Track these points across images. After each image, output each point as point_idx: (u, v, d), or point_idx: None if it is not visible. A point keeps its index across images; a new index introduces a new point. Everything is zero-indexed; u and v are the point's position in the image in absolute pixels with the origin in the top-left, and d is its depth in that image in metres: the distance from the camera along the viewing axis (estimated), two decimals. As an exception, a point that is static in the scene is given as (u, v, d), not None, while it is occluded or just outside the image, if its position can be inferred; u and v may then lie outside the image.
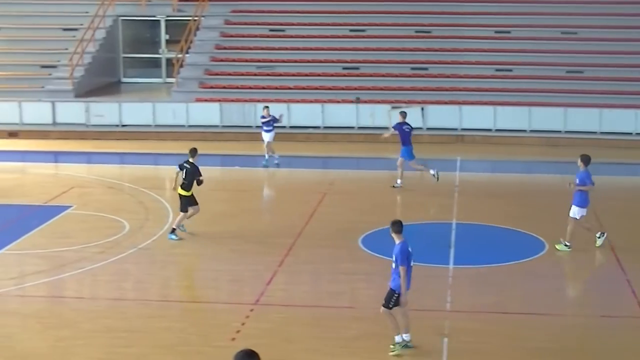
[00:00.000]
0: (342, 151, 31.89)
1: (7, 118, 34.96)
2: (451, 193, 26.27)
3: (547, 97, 34.80)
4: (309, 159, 30.05)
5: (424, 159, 27.09)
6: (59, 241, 21.93)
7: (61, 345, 16.02)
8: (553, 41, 37.26)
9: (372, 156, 31.10)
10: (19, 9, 40.36)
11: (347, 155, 31.32)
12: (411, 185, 26.93)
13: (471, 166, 30.08)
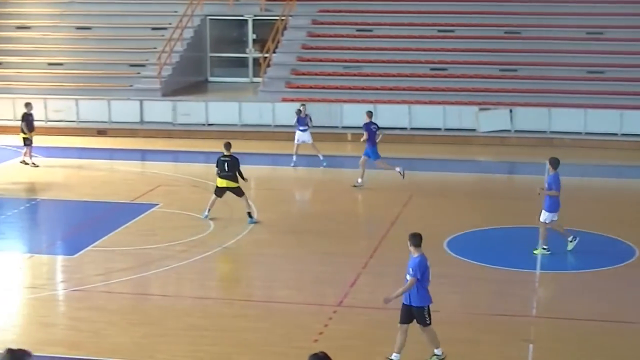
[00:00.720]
0: (429, 153, 31.60)
1: (96, 116, 35.38)
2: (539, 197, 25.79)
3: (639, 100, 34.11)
4: (395, 160, 29.74)
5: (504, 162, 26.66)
6: (145, 239, 22.07)
7: (146, 342, 16.09)
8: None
9: (459, 158, 30.76)
10: (109, 9, 40.82)
11: (433, 157, 31.01)
12: (494, 188, 26.57)
13: (560, 170, 29.47)
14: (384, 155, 26.88)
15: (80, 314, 17.53)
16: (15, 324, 17.22)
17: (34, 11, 41.31)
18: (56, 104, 35.48)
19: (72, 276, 19.79)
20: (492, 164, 30.37)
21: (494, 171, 26.20)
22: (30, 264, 20.55)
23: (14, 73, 37.86)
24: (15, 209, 24.80)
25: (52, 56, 38.73)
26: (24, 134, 29.28)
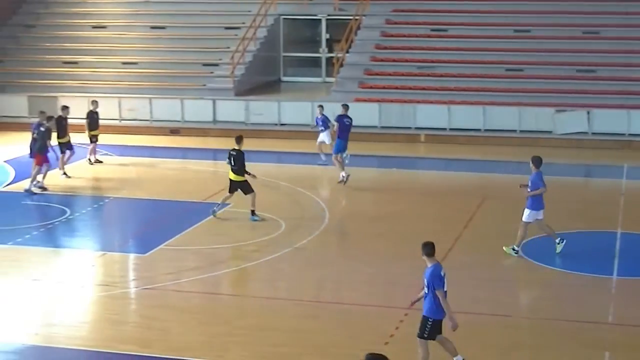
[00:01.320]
0: (503, 155, 31.15)
1: (169, 115, 35.54)
2: (616, 201, 25.33)
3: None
4: (469, 162, 29.46)
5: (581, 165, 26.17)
6: (216, 238, 22.07)
7: (215, 341, 16.07)
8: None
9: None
10: (183, 8, 41.02)
11: (508, 159, 30.57)
12: (570, 192, 26.12)
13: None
14: (452, 157, 26.52)
15: (151, 312, 17.60)
16: (87, 321, 17.33)
17: (109, 11, 41.68)
18: (130, 103, 35.72)
19: (143, 274, 19.87)
20: (569, 166, 29.85)
21: (571, 174, 25.71)
22: (103, 262, 20.66)
23: (89, 72, 38.21)
24: (89, 207, 24.99)
25: (126, 55, 39.03)
26: (90, 131, 29.54)
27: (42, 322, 17.16)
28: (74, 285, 18.95)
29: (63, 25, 41.06)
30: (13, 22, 42.23)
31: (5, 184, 26.42)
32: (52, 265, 20.62)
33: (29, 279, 19.40)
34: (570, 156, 31.26)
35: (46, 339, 16.33)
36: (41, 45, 40.19)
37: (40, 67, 38.60)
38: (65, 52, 39.35)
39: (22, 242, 21.61)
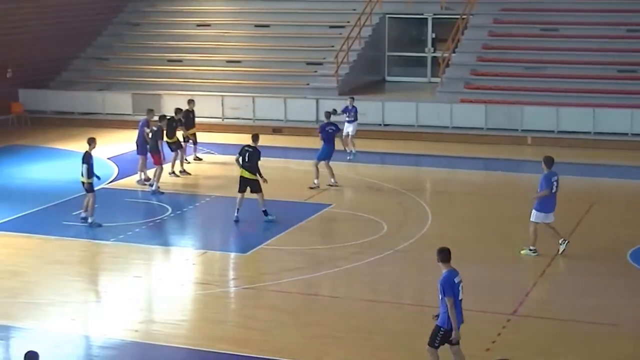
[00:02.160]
0: (614, 159, 30.28)
1: (272, 114, 35.48)
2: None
3: None
4: (577, 165, 28.72)
5: None
6: (317, 239, 21.92)
7: (314, 343, 15.94)
8: None
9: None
10: (287, 7, 40.99)
11: (619, 163, 29.73)
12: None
13: None
14: (560, 160, 25.84)
15: (251, 312, 17.55)
16: (186, 319, 17.32)
17: (214, 9, 41.88)
18: (233, 102, 35.76)
19: (243, 274, 19.84)
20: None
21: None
22: (203, 260, 20.63)
23: (193, 70, 38.41)
24: (190, 205, 25.03)
25: (230, 54, 39.15)
26: (185, 130, 29.51)
27: (142, 319, 17.18)
28: (173, 283, 18.95)
29: (168, 24, 41.41)
30: (119, 20, 42.75)
31: (108, 181, 26.60)
32: (152, 262, 20.69)
33: (130, 275, 19.50)
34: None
35: (145, 336, 16.35)
36: (146, 43, 40.60)
37: (145, 65, 38.95)
38: (170, 50, 39.66)
39: (123, 239, 21.72)
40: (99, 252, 21.10)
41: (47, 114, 37.35)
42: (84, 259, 20.83)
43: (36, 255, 20.65)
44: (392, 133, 33.70)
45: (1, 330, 16.52)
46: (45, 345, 15.53)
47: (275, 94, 36.05)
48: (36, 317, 17.15)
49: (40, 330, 16.51)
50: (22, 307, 17.67)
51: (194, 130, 29.58)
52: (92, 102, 37.32)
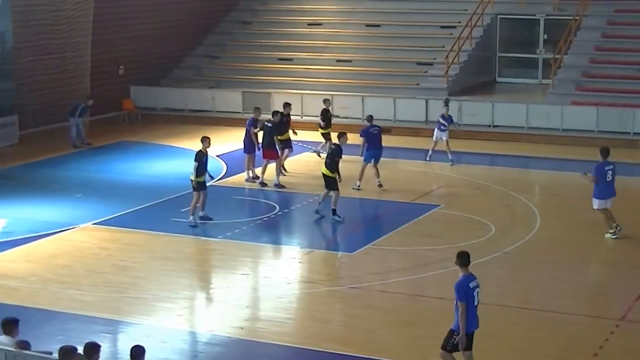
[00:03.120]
0: None
1: (381, 114, 35.25)
2: None
3: None
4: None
5: None
6: (424, 240, 21.78)
7: (418, 344, 15.89)
8: None
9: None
10: (398, 6, 40.83)
11: None
12: None
13: None
14: None
15: (356, 312, 17.54)
16: (292, 318, 17.39)
17: (325, 8, 41.94)
18: (342, 101, 35.75)
19: (350, 273, 19.82)
20: None
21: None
22: (309, 259, 20.68)
23: (303, 69, 38.53)
24: (298, 204, 25.10)
25: (340, 53, 39.16)
26: (322, 129, 29.60)
27: (248, 316, 17.28)
28: (280, 281, 19.03)
29: (279, 22, 41.62)
30: (230, 18, 43.13)
31: (217, 179, 26.85)
32: (259, 260, 20.80)
33: (237, 273, 19.63)
34: None
35: (251, 333, 16.46)
36: (256, 41, 40.88)
37: (255, 64, 39.22)
38: (280, 49, 39.87)
39: (231, 236, 21.89)
40: (206, 249, 21.32)
41: (157, 111, 37.92)
42: (192, 256, 21.07)
43: (144, 251, 20.96)
44: (502, 134, 33.29)
45: (109, 324, 16.79)
46: (152, 340, 15.76)
47: (384, 94, 35.94)
48: (143, 312, 17.40)
49: (147, 325, 16.75)
50: (130, 302, 17.95)
51: (330, 129, 29.52)
52: (202, 100, 37.74)
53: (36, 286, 18.58)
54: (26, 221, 23.07)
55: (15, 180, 27.76)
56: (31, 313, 16.81)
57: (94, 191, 26.30)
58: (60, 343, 12.57)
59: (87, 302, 17.72)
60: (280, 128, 27.51)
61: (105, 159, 30.49)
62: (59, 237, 21.89)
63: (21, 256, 20.51)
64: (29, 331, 13.63)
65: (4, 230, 22.33)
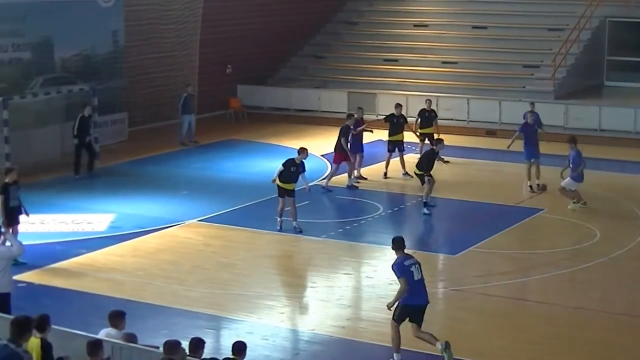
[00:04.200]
0: None
1: (486, 116, 35.15)
2: None
3: None
4: None
5: None
6: (526, 244, 21.64)
7: (519, 348, 15.81)
8: None
9: None
10: (506, 8, 40.47)
11: None
12: None
13: None
14: None
15: (457, 314, 17.56)
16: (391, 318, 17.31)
17: (431, 9, 41.82)
18: (447, 103, 35.60)
19: (452, 275, 19.80)
20: None
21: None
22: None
23: (408, 70, 38.48)
24: (401, 205, 25.10)
25: (446, 55, 39.02)
26: (420, 129, 29.50)
27: (349, 315, 17.36)
28: (382, 281, 19.05)
29: (385, 23, 41.61)
30: (337, 19, 43.28)
31: (320, 178, 26.98)
32: (361, 260, 20.88)
33: (340, 272, 19.73)
34: None
35: (352, 333, 16.53)
36: (362, 42, 40.96)
37: (361, 64, 39.30)
38: (386, 50, 39.87)
39: (334, 236, 22.00)
40: (309, 248, 21.45)
41: (263, 110, 38.27)
42: (294, 254, 21.24)
43: (248, 249, 21.19)
44: (608, 139, 32.77)
45: (212, 320, 17.03)
46: (254, 337, 15.92)
47: (490, 96, 35.70)
48: (246, 309, 17.58)
49: (250, 322, 16.92)
50: (233, 299, 18.17)
51: (429, 130, 29.44)
52: (308, 99, 37.96)
53: (142, 280, 18.95)
54: (133, 217, 23.53)
55: (123, 176, 28.31)
56: (136, 307, 17.15)
57: (200, 188, 26.68)
58: (165, 337, 12.81)
59: (191, 298, 18.01)
60: (393, 129, 27.70)
61: (212, 157, 30.90)
62: (165, 233, 22.28)
63: (128, 251, 20.94)
64: (134, 324, 13.90)
65: (112, 225, 22.81)
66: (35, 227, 22.17)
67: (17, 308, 14.68)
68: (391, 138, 27.74)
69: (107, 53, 32.43)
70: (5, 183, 19.72)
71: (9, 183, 19.69)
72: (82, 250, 20.68)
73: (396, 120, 28.04)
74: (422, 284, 15.09)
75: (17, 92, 28.45)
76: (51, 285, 18.62)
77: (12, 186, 19.72)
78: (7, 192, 19.61)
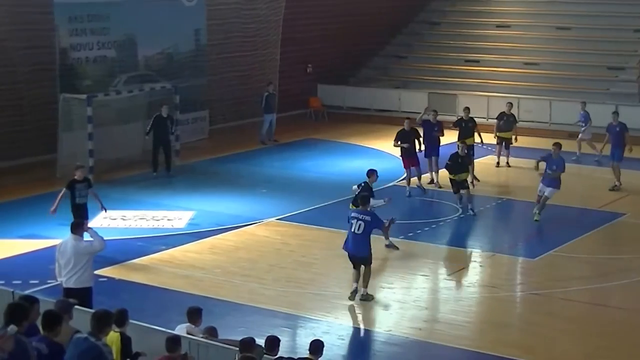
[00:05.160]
0: None
1: (568, 118, 34.59)
2: None
3: None
4: None
5: None
6: (608, 248, 21.38)
7: (597, 354, 15.65)
8: None
9: None
10: (590, 9, 39.94)
11: None
12: None
13: None
14: None
15: (536, 318, 17.34)
16: (471, 321, 17.29)
17: (514, 10, 41.44)
18: (529, 104, 35.22)
19: (531, 279, 19.58)
20: None
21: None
22: (491, 263, 20.52)
23: (490, 71, 38.19)
24: (481, 207, 24.89)
25: (528, 56, 38.63)
26: (499, 132, 29.20)
27: (426, 317, 17.26)
28: (460, 283, 18.93)
29: (467, 24, 41.35)
30: (419, 19, 43.14)
31: (400, 179, 26.87)
32: (440, 262, 20.76)
33: (417, 273, 19.63)
34: None
35: (429, 335, 16.43)
36: (444, 42, 40.76)
37: (441, 65, 39.12)
38: (467, 50, 39.62)
39: (412, 237, 21.91)
40: (386, 249, 21.32)
41: (343, 110, 38.26)
42: (373, 254, 21.11)
43: (326, 248, 21.15)
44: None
45: (289, 318, 17.04)
46: (331, 336, 15.92)
47: (572, 98, 35.20)
48: (323, 308, 17.57)
49: (326, 321, 16.90)
50: (310, 298, 18.19)
51: (511, 133, 29.10)
52: (388, 100, 37.86)
53: (220, 278, 19.05)
54: (212, 214, 23.68)
55: (203, 174, 28.51)
56: (214, 304, 17.25)
57: (279, 187, 26.76)
58: (241, 334, 12.85)
59: (268, 296, 18.05)
60: (463, 133, 27.12)
61: (291, 156, 30.97)
62: (243, 231, 22.37)
63: (207, 248, 21.07)
64: (212, 321, 13.94)
65: (191, 222, 22.97)
66: (117, 223, 22.48)
67: (97, 302, 14.87)
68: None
69: (189, 51, 32.72)
70: (73, 179, 19.98)
71: (76, 180, 19.95)
72: (162, 247, 20.87)
73: (464, 124, 27.62)
74: (357, 237, 17.63)
75: (101, 90, 28.83)
76: (131, 280, 18.81)
77: (80, 183, 19.97)
78: (73, 188, 19.87)
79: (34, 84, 28.42)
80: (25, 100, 28.34)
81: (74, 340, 10.40)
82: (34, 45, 28.30)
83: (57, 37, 28.40)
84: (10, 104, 28.10)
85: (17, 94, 28.15)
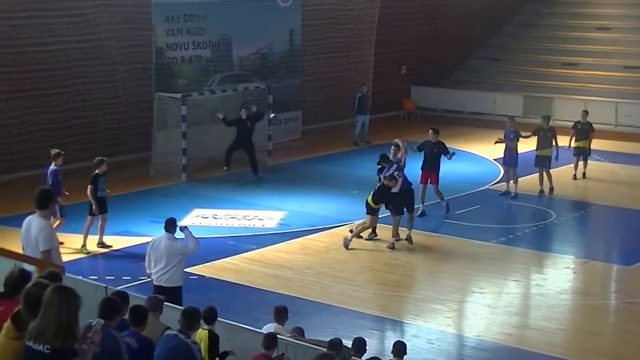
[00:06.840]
0: None
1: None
2: None
3: None
4: None
5: None
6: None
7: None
8: None
9: None
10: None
11: None
12: None
13: None
14: None
15: (631, 327, 17.02)
16: (562, 329, 16.99)
17: (615, 12, 40.73)
18: (628, 109, 34.58)
19: (625, 287, 19.16)
20: None
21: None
22: (584, 270, 20.14)
23: (588, 75, 37.57)
24: (575, 212, 24.53)
25: (629, 59, 37.91)
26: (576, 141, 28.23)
27: (517, 323, 17.01)
28: (552, 290, 18.62)
29: (565, 26, 40.78)
30: (515, 20, 42.67)
31: (492, 183, 26.59)
32: (532, 267, 20.46)
33: (509, 279, 19.37)
34: None
35: (519, 341, 16.20)
36: (540, 44, 40.22)
37: (537, 67, 38.63)
38: (565, 53, 39.07)
39: (505, 242, 21.65)
40: (479, 252, 21.10)
41: (437, 112, 38.00)
42: (463, 258, 20.90)
43: (417, 251, 21.00)
44: None
45: (377, 321, 16.96)
46: (419, 340, 15.80)
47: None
48: (412, 311, 17.47)
49: (415, 324, 16.77)
50: (399, 300, 18.09)
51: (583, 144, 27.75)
52: (482, 102, 37.50)
53: (310, 279, 19.02)
54: (303, 215, 23.68)
55: (295, 174, 28.55)
56: (302, 304, 17.24)
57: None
58: (329, 335, 12.80)
59: (357, 298, 17.97)
60: (541, 143, 25.86)
61: (383, 158, 30.77)
62: (335, 232, 22.31)
63: (297, 248, 21.07)
64: (299, 322, 13.93)
65: (282, 222, 23.00)
66: (208, 222, 22.61)
67: (187, 300, 14.95)
68: (538, 153, 25.94)
69: (283, 52, 32.85)
70: (96, 174, 20.24)
71: (99, 174, 20.26)
72: (252, 246, 20.92)
73: (543, 133, 26.02)
74: None
75: (196, 89, 29.09)
76: (221, 278, 18.89)
77: (102, 177, 20.30)
78: (97, 182, 20.21)
79: (131, 83, 28.80)
80: (121, 99, 28.71)
81: (164, 336, 10.48)
82: (131, 44, 28.66)
83: (154, 36, 28.78)
84: (107, 102, 28.47)
85: (114, 92, 28.52)
